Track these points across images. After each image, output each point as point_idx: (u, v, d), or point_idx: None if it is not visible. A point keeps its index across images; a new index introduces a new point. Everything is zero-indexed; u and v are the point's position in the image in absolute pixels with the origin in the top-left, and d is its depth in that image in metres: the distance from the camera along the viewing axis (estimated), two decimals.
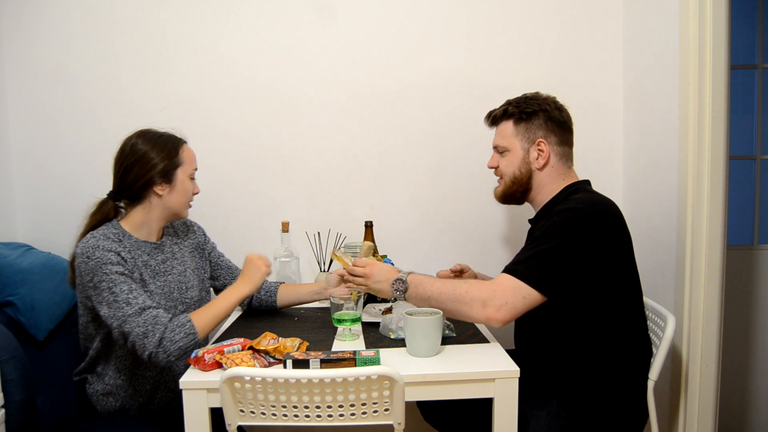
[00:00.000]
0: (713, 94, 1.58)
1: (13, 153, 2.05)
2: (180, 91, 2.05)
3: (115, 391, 1.48)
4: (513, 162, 1.53)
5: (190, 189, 1.56)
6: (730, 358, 2.10)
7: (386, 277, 1.43)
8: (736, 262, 2.17)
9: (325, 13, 2.05)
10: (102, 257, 1.37)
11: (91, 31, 2.02)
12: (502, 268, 2.10)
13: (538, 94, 1.56)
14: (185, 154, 1.55)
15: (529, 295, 1.29)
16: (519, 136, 1.53)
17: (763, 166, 2.30)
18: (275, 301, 1.75)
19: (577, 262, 1.31)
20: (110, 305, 1.35)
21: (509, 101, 1.58)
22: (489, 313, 1.29)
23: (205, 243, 1.72)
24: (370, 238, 1.86)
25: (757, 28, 2.25)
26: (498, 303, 1.28)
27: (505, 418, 1.23)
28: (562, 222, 1.34)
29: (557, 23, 2.07)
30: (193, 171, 1.57)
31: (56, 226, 2.03)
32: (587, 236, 1.32)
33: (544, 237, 1.34)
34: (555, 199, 1.50)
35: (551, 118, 1.51)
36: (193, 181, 1.58)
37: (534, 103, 1.52)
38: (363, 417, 1.14)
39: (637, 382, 1.42)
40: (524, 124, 1.52)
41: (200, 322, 1.39)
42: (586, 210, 1.34)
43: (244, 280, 1.53)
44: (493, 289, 1.30)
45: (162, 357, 1.33)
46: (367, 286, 1.46)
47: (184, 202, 1.55)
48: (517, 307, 1.29)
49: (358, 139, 2.09)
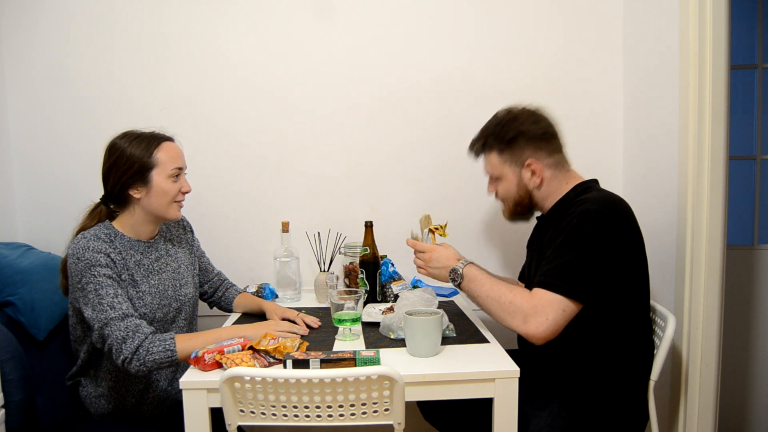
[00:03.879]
0: (713, 94, 1.58)
1: (13, 153, 2.05)
2: (180, 91, 2.05)
3: (107, 393, 1.47)
4: (509, 188, 1.53)
5: (170, 189, 1.48)
6: (730, 358, 2.09)
7: (445, 264, 1.48)
8: (736, 262, 2.17)
9: (325, 14, 2.05)
10: (91, 259, 1.37)
11: (91, 31, 2.02)
12: (503, 267, 2.15)
13: (511, 112, 1.52)
14: (161, 154, 1.47)
15: (568, 307, 1.29)
16: (507, 163, 1.52)
17: (763, 166, 2.30)
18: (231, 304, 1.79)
19: (604, 264, 1.31)
20: (94, 307, 1.35)
21: (486, 131, 1.54)
22: (530, 330, 1.29)
23: (193, 241, 1.73)
24: (370, 238, 1.85)
25: (757, 28, 2.25)
26: (539, 320, 1.28)
27: (505, 418, 1.23)
28: (581, 226, 1.33)
29: (558, 24, 2.07)
30: (173, 170, 1.48)
31: (56, 226, 2.03)
32: (608, 237, 1.31)
33: (568, 244, 1.32)
34: (566, 198, 1.48)
35: (531, 137, 1.48)
36: (177, 179, 1.50)
37: (511, 128, 1.48)
38: (363, 417, 1.14)
39: (638, 383, 1.42)
40: (509, 151, 1.50)
41: (183, 344, 1.34)
42: (602, 210, 1.34)
43: (254, 328, 1.46)
44: (533, 304, 1.30)
45: (135, 365, 1.31)
46: (426, 270, 1.52)
47: (164, 203, 1.48)
48: (558, 321, 1.29)
49: (358, 140, 2.09)
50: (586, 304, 1.30)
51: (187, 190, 1.53)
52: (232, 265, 1.96)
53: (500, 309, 1.34)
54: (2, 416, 1.39)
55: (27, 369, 1.48)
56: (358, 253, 1.87)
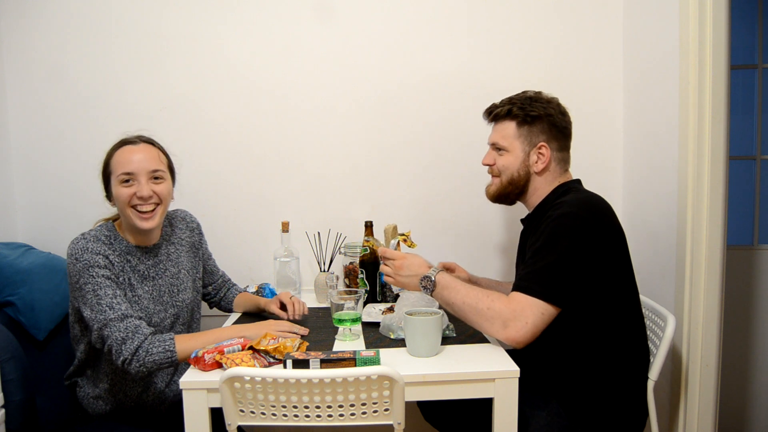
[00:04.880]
0: (713, 94, 1.57)
1: (13, 153, 2.05)
2: (179, 91, 2.05)
3: (104, 395, 1.47)
4: (512, 163, 1.52)
5: (120, 195, 1.41)
6: (730, 358, 2.10)
7: (416, 272, 1.41)
8: (736, 262, 2.17)
9: (324, 13, 2.05)
10: (90, 260, 1.37)
11: (91, 31, 2.02)
12: (500, 267, 2.15)
13: (542, 94, 1.53)
14: (114, 159, 1.44)
15: (547, 311, 1.28)
16: (521, 138, 1.50)
17: (763, 166, 2.30)
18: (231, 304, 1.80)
19: (582, 267, 1.31)
20: (93, 308, 1.34)
21: (512, 100, 1.54)
22: (510, 334, 1.28)
23: (200, 243, 1.71)
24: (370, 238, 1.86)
25: (757, 28, 2.25)
26: (519, 324, 1.27)
27: (505, 418, 1.23)
28: (559, 229, 1.33)
29: (557, 23, 2.07)
30: (121, 175, 1.41)
31: (56, 226, 2.04)
32: (586, 239, 1.31)
33: (545, 248, 1.32)
34: (547, 199, 1.50)
35: (555, 124, 1.49)
36: (128, 184, 1.42)
37: (539, 107, 1.49)
38: (363, 417, 1.14)
39: (637, 382, 1.42)
40: (527, 127, 1.50)
41: (183, 344, 1.33)
42: (579, 213, 1.34)
43: (255, 328, 1.44)
44: (512, 309, 1.29)
45: (135, 366, 1.31)
46: (395, 278, 1.45)
47: (122, 210, 1.43)
48: (538, 324, 1.28)
49: (358, 139, 2.09)
50: (564, 307, 1.30)
51: (142, 195, 1.41)
52: (232, 265, 1.95)
53: (478, 315, 1.31)
54: (2, 416, 1.39)
55: (27, 369, 1.48)
56: (358, 253, 1.87)
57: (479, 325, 1.32)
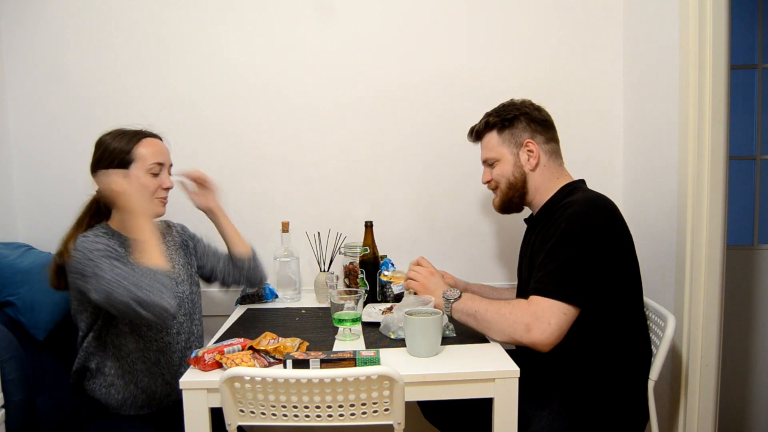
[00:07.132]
0: (713, 94, 1.58)
1: (13, 153, 2.05)
2: (180, 91, 2.05)
3: (116, 381, 1.47)
4: (506, 169, 1.55)
5: (149, 184, 1.48)
6: (730, 358, 2.10)
7: (442, 284, 1.53)
8: (736, 262, 2.17)
9: (324, 13, 2.05)
10: (97, 248, 1.36)
11: (91, 31, 2.02)
12: (501, 267, 2.14)
13: (513, 100, 1.59)
14: (142, 149, 1.48)
15: (568, 311, 1.29)
16: (506, 144, 1.55)
17: (763, 166, 2.30)
18: None
19: (596, 265, 1.31)
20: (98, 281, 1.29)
21: (487, 113, 1.60)
22: (534, 337, 1.28)
23: (188, 240, 1.73)
24: (370, 238, 1.86)
25: (757, 28, 2.25)
26: (542, 326, 1.27)
27: (505, 418, 1.23)
28: (571, 229, 1.33)
29: (557, 23, 2.07)
30: (152, 165, 1.48)
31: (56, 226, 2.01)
32: (598, 237, 1.32)
33: (559, 248, 1.33)
34: (553, 200, 1.50)
35: (533, 119, 1.53)
36: (157, 176, 1.50)
37: (513, 109, 1.55)
38: (363, 417, 1.14)
39: (638, 382, 1.42)
40: (508, 130, 1.54)
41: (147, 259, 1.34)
42: (590, 212, 1.34)
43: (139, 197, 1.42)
44: (532, 312, 1.29)
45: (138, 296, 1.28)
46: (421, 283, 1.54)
47: None
48: (561, 325, 1.28)
49: (358, 139, 2.09)
50: (583, 307, 1.30)
51: (168, 186, 1.54)
52: None
53: (501, 321, 1.33)
54: (2, 416, 1.39)
55: (27, 369, 1.48)
56: (358, 253, 1.87)
57: (502, 331, 1.33)
